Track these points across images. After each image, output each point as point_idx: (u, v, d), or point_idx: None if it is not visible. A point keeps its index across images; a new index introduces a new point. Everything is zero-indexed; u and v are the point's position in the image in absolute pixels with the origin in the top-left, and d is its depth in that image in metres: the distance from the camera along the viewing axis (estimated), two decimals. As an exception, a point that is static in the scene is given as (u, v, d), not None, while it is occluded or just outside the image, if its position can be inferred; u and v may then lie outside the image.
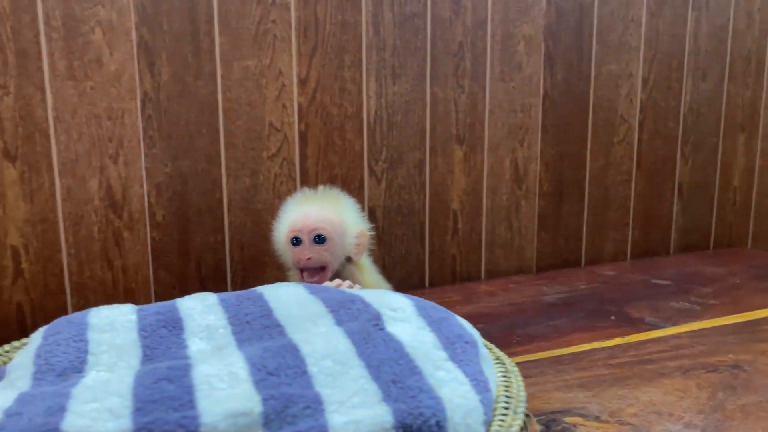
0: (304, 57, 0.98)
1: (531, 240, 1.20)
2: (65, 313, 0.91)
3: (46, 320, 0.90)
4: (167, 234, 0.94)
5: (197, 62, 0.92)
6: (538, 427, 0.62)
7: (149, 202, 0.93)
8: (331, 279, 0.78)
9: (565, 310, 1.00)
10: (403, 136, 1.07)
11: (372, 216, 1.07)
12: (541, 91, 1.16)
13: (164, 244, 0.94)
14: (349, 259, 0.81)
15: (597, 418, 0.66)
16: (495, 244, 1.18)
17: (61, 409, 0.36)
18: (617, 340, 0.87)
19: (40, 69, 0.85)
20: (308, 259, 0.76)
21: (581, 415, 0.66)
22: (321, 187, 0.82)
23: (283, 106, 0.98)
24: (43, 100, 0.85)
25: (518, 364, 0.78)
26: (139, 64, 0.89)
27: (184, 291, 0.96)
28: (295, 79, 0.98)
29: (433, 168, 1.10)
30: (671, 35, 1.25)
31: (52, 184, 0.87)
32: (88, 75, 0.87)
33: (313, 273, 0.77)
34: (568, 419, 0.66)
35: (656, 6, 1.22)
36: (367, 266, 0.84)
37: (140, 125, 0.90)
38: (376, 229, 1.07)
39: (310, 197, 0.81)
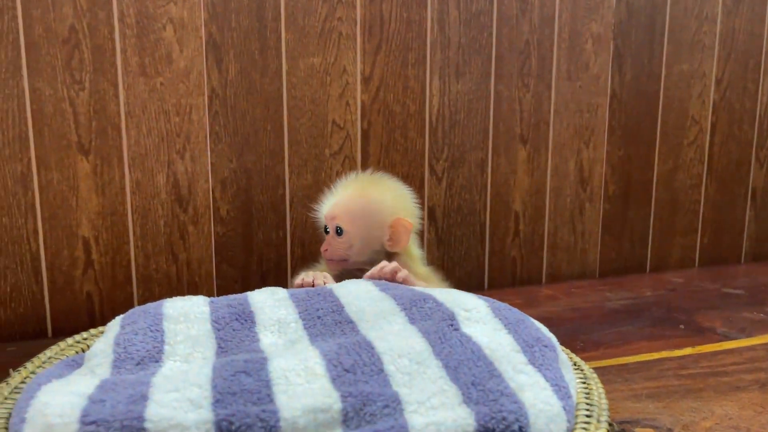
0: (368, 54, 0.98)
1: (594, 244, 1.17)
2: (132, 304, 0.93)
3: (114, 311, 0.92)
4: (231, 229, 0.95)
5: (263, 59, 0.93)
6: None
7: (214, 197, 0.94)
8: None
9: (630, 317, 0.97)
10: (465, 135, 1.05)
11: (432, 215, 1.06)
12: (609, 90, 1.12)
13: (228, 239, 0.95)
14: (389, 255, 0.75)
15: (670, 431, 0.63)
16: (557, 247, 1.15)
17: (143, 398, 0.36)
18: (688, 350, 0.83)
19: (114, 65, 0.87)
20: (325, 250, 0.74)
21: (653, 427, 0.64)
22: (369, 171, 0.80)
23: (347, 103, 0.98)
24: (116, 96, 0.88)
25: (584, 370, 0.76)
26: (207, 60, 0.91)
27: (246, 286, 0.97)
28: (359, 77, 0.98)
29: (495, 168, 1.08)
30: (748, 34, 1.20)
31: (122, 177, 0.90)
32: (159, 71, 0.89)
33: (335, 264, 0.75)
34: (638, 430, 0.63)
35: (733, 3, 1.17)
36: (417, 257, 0.79)
37: (207, 121, 0.92)
38: (434, 229, 1.06)
39: (351, 182, 0.78)
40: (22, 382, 0.44)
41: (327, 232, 0.76)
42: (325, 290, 0.57)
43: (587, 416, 0.41)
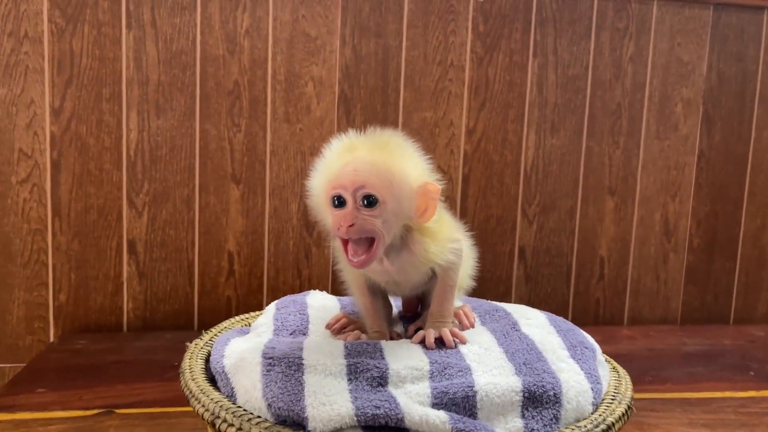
0: (473, 111, 1.13)
1: (677, 292, 1.25)
2: (262, 308, 1.11)
3: (246, 312, 1.11)
4: (346, 253, 1.12)
5: (384, 112, 1.11)
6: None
7: (335, 225, 1.11)
8: (386, 254, 0.57)
9: (703, 361, 1.04)
10: (557, 183, 1.18)
11: (522, 255, 1.18)
12: (697, 150, 1.21)
13: (343, 261, 1.12)
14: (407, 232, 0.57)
15: (715, 452, 0.72)
16: (640, 293, 1.23)
17: (299, 349, 0.54)
18: (752, 393, 0.90)
19: (264, 113, 1.07)
20: (350, 226, 0.53)
21: (700, 448, 0.73)
22: (370, 129, 0.59)
23: (451, 152, 1.14)
24: (264, 138, 1.08)
25: (647, 400, 0.86)
26: (338, 112, 1.09)
27: (355, 302, 1.14)
28: (463, 129, 1.14)
29: (583, 215, 1.19)
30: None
31: (264, 204, 1.09)
32: (299, 119, 1.09)
33: (360, 247, 0.54)
34: (687, 449, 0.72)
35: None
36: (444, 220, 0.61)
37: (334, 161, 1.10)
38: (524, 267, 1.18)
39: (357, 142, 0.58)
40: (211, 339, 0.63)
41: (339, 206, 0.55)
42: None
43: (612, 399, 0.53)
